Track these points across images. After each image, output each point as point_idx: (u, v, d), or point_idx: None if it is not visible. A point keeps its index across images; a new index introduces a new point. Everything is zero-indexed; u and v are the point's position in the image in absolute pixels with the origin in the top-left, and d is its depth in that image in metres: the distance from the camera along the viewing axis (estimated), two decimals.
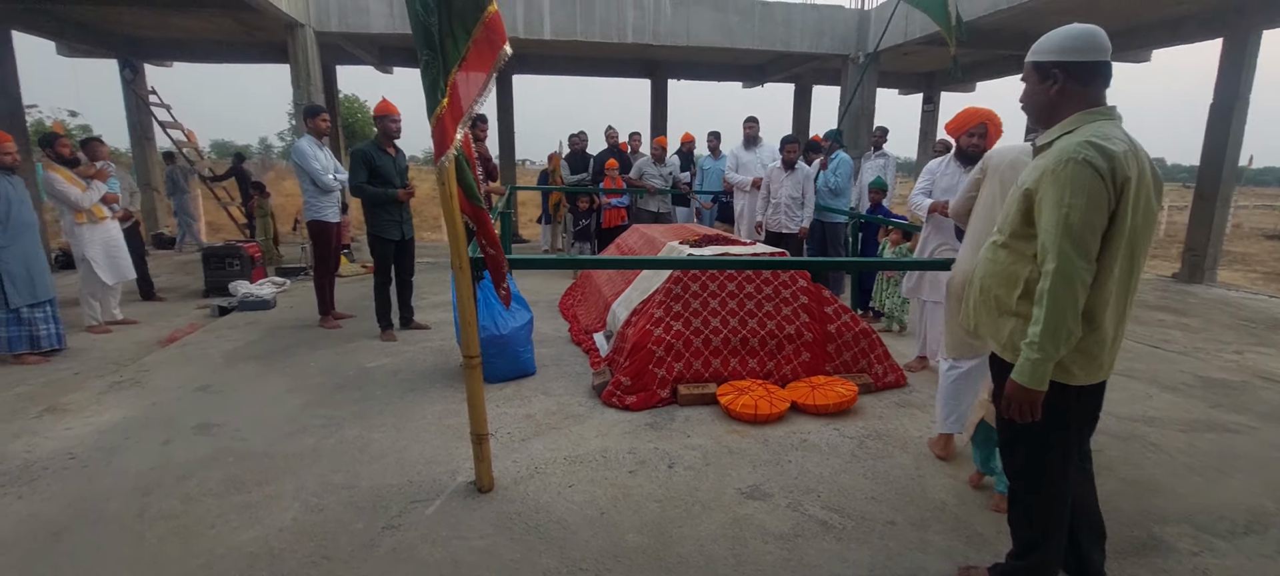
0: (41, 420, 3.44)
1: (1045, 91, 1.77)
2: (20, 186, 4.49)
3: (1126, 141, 1.66)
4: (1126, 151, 1.62)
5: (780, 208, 6.10)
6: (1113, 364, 1.82)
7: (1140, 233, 1.70)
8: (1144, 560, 2.29)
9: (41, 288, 4.52)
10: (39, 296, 4.51)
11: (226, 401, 3.67)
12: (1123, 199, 1.61)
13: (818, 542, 2.36)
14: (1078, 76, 1.71)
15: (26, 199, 4.53)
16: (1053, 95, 1.75)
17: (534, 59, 11.90)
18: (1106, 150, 1.59)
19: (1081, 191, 1.58)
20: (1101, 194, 1.59)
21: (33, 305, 4.49)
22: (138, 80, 10.87)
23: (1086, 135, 1.64)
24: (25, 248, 4.45)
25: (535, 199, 12.29)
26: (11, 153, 4.43)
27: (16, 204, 4.40)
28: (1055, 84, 1.74)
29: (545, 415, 3.48)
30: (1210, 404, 3.82)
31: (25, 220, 4.47)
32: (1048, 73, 1.75)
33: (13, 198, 4.38)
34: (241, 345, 4.81)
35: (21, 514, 2.52)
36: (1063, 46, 1.72)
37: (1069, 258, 1.60)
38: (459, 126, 2.30)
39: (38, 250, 4.56)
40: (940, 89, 13.38)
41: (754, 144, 7.30)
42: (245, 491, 2.68)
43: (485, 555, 2.25)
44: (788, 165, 6.03)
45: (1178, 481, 2.87)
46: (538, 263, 3.20)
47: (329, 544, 2.31)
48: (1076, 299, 1.63)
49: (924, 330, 4.27)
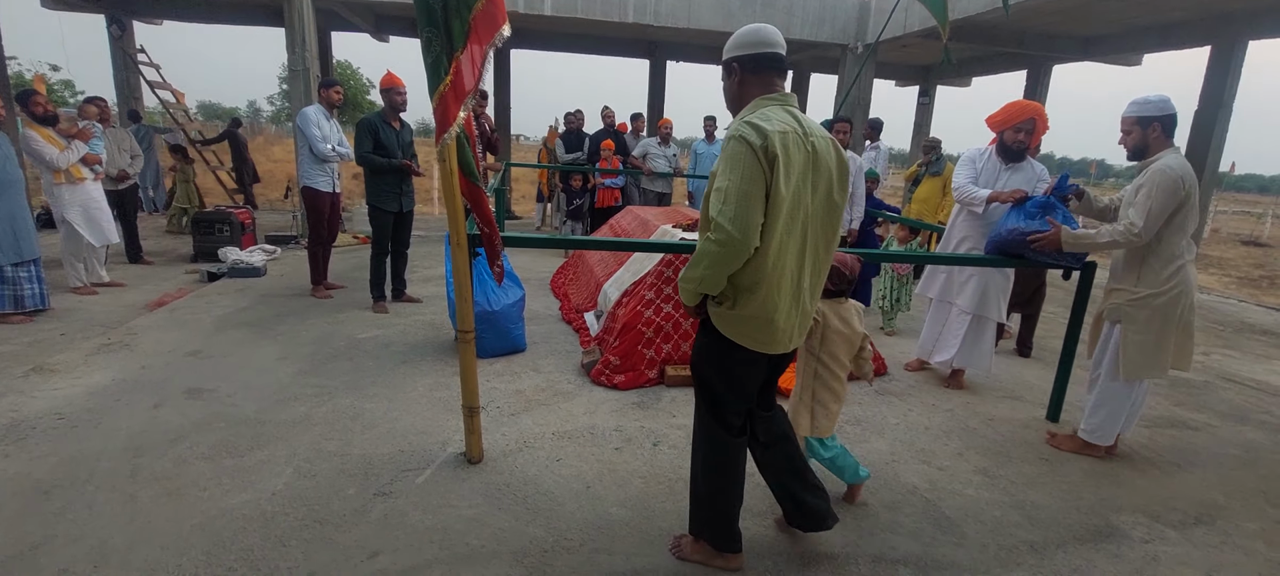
0: (28, 380, 3.45)
1: (732, 84, 1.96)
2: (3, 143, 4.43)
3: (791, 123, 1.80)
4: (786, 132, 1.76)
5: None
6: (791, 341, 1.96)
7: (813, 218, 1.86)
8: (1099, 546, 2.42)
9: (27, 247, 4.49)
10: (23, 255, 4.47)
11: (217, 367, 3.70)
12: (774, 173, 1.73)
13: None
14: (751, 68, 1.90)
15: (11, 155, 4.48)
16: (737, 87, 1.94)
17: (533, 34, 11.81)
18: (761, 128, 1.73)
19: (738, 165, 1.73)
20: (755, 167, 1.72)
21: (16, 264, 4.46)
22: (125, 37, 10.67)
23: (749, 115, 1.81)
24: (9, 205, 4.39)
25: (530, 175, 12.24)
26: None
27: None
28: (736, 76, 1.93)
29: (534, 391, 3.55)
30: (1173, 402, 3.97)
31: (9, 177, 4.41)
32: (730, 68, 1.94)
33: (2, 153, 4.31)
34: (232, 312, 4.82)
35: (10, 472, 2.56)
36: (737, 43, 1.92)
37: (720, 224, 1.73)
38: (461, 106, 2.34)
39: (22, 208, 4.50)
40: (936, 82, 13.45)
41: None
42: (237, 455, 2.74)
43: (474, 523, 2.33)
44: None
45: (1136, 474, 3.00)
46: (532, 241, 3.25)
47: (321, 508, 2.38)
48: (724, 258, 1.76)
49: (936, 332, 4.04)
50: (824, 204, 1.88)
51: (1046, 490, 2.81)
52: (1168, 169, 2.74)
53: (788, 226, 1.79)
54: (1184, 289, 2.84)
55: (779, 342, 1.91)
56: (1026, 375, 4.33)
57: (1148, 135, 2.85)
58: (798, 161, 1.77)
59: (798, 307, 1.92)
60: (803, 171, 1.79)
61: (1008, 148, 3.59)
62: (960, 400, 3.79)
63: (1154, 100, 2.82)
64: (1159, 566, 2.32)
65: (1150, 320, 2.88)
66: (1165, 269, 2.84)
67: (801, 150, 1.79)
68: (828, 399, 2.43)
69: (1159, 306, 2.85)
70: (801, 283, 1.90)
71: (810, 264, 1.91)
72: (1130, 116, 2.87)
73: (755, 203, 1.72)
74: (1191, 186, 2.75)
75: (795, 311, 1.92)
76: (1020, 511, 2.63)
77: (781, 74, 1.91)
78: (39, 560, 2.04)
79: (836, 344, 2.38)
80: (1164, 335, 2.87)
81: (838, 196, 1.91)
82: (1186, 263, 2.84)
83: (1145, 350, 2.90)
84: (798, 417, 2.45)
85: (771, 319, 1.86)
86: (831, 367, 2.40)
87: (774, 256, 1.80)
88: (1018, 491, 2.78)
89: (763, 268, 1.80)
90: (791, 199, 1.77)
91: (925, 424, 3.43)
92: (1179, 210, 2.78)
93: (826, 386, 2.42)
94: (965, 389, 3.96)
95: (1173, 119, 2.83)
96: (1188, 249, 2.85)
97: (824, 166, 1.85)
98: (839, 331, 2.37)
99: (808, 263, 1.89)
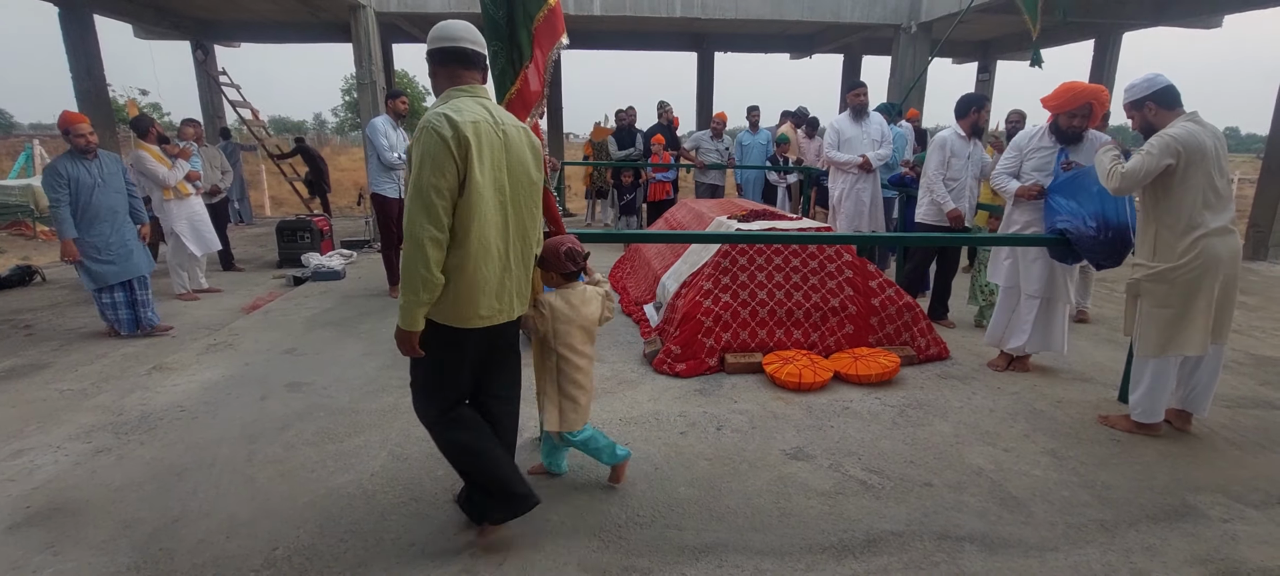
0: (151, 377, 3.86)
1: (433, 76, 2.10)
2: (98, 169, 4.39)
3: (482, 113, 1.95)
4: (479, 121, 1.92)
5: (965, 191, 4.62)
6: (508, 310, 2.09)
7: (513, 194, 2.03)
8: (1174, 525, 2.39)
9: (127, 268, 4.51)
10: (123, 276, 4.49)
11: (311, 363, 4.03)
12: (468, 162, 1.86)
13: (857, 499, 2.54)
14: (439, 61, 2.04)
15: (111, 181, 4.46)
16: (435, 79, 2.09)
17: (579, 34, 12.02)
18: (452, 119, 1.86)
19: (428, 156, 1.84)
20: (445, 156, 1.84)
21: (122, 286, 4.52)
22: (208, 60, 11.47)
23: (440, 107, 1.93)
24: (107, 229, 4.42)
25: (579, 173, 12.48)
26: (85, 135, 4.31)
27: (95, 188, 4.34)
28: (432, 68, 2.08)
29: (600, 380, 3.72)
30: (1259, 381, 3.80)
31: (105, 204, 4.40)
32: (428, 60, 2.08)
33: (86, 181, 4.31)
34: (319, 312, 5.20)
35: (146, 457, 2.90)
36: (430, 38, 2.07)
37: (412, 216, 1.86)
38: (528, 115, 2.51)
39: (124, 231, 4.53)
40: (996, 58, 12.95)
41: (862, 115, 5.80)
42: (337, 441, 3.01)
43: (554, 501, 2.50)
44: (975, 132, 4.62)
45: (1216, 454, 2.92)
46: (591, 237, 3.40)
47: (416, 487, 2.61)
48: (424, 252, 1.86)
49: (1005, 319, 3.93)
50: (524, 184, 2.08)
51: (1118, 470, 2.78)
52: (1166, 132, 2.77)
53: (490, 208, 1.96)
54: (1209, 263, 2.76)
55: (489, 312, 2.04)
56: (1097, 355, 4.22)
57: (1145, 115, 2.90)
58: (490, 148, 1.94)
59: (508, 279, 2.08)
60: (495, 157, 1.96)
61: (1064, 133, 3.55)
62: (1026, 382, 3.75)
63: (1139, 83, 2.90)
64: (1238, 545, 2.28)
65: (1169, 295, 2.83)
66: (1180, 241, 2.78)
67: (493, 137, 1.96)
68: (574, 391, 2.38)
69: (1179, 281, 2.80)
70: (509, 258, 2.07)
71: (516, 239, 2.09)
72: (1125, 104, 2.97)
73: (444, 191, 1.86)
74: (1193, 150, 2.71)
75: (506, 283, 2.08)
76: (1090, 491, 2.62)
77: (469, 66, 2.05)
78: (180, 531, 2.33)
79: (571, 332, 2.34)
80: (1188, 310, 2.81)
81: (536, 176, 2.11)
82: (1208, 233, 2.75)
83: (1165, 325, 2.86)
84: (546, 415, 2.40)
85: (477, 296, 2.00)
86: (571, 358, 2.35)
87: (477, 238, 1.94)
88: (1088, 471, 2.76)
89: (468, 249, 1.94)
90: (491, 183, 1.95)
91: (990, 406, 3.42)
92: (1180, 172, 2.74)
93: (570, 378, 2.37)
94: (1031, 371, 3.91)
95: (1164, 92, 2.84)
96: (1211, 217, 2.76)
97: (516, 150, 2.04)
98: (570, 318, 2.33)
99: (513, 238, 2.07)
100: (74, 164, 4.31)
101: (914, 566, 2.16)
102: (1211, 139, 2.75)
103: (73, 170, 4.29)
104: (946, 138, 4.62)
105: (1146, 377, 2.99)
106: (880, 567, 2.15)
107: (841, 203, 5.87)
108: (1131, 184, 2.81)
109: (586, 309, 2.39)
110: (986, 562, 2.18)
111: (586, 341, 2.41)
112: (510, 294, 2.10)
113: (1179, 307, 2.82)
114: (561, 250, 2.32)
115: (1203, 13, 8.78)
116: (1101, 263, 3.34)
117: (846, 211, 5.83)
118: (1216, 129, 2.80)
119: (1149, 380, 2.99)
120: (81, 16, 8.26)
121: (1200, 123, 2.78)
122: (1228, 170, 2.83)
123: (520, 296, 2.16)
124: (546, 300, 2.34)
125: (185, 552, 2.21)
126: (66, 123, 4.34)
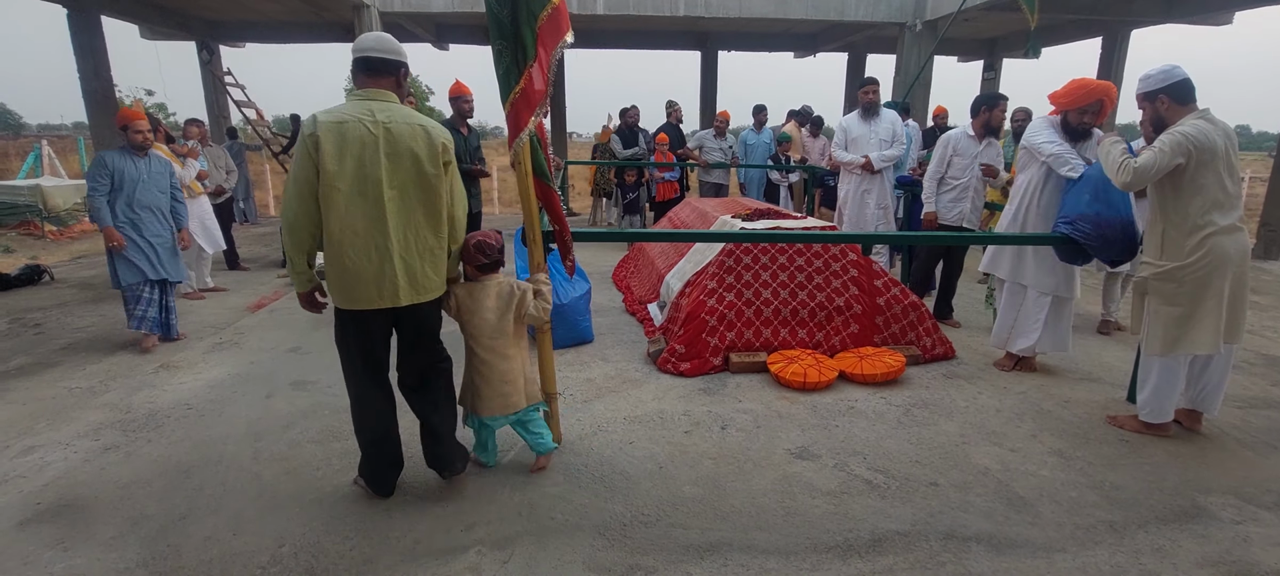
0: (158, 375, 3.87)
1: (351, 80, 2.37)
2: (146, 166, 4.38)
3: (360, 112, 2.18)
4: (346, 120, 2.16)
5: (969, 192, 4.58)
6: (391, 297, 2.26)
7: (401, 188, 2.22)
8: (1184, 526, 2.37)
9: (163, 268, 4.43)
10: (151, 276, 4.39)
11: (316, 361, 4.04)
12: (319, 154, 2.12)
13: (863, 499, 2.53)
14: (353, 68, 2.30)
15: (156, 179, 4.43)
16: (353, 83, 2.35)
17: (582, 33, 12.02)
18: (315, 118, 2.15)
19: (300, 151, 2.17)
20: (303, 151, 2.15)
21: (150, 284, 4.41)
22: (214, 61, 11.53)
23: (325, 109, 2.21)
24: (148, 226, 4.37)
25: (583, 172, 12.46)
26: (142, 131, 4.33)
27: (139, 183, 4.32)
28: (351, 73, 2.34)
29: (604, 379, 3.72)
30: (1271, 382, 3.77)
31: (149, 201, 4.39)
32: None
33: (131, 175, 4.30)
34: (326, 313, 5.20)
35: (153, 455, 2.91)
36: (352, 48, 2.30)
37: (285, 201, 2.21)
38: (533, 114, 2.50)
39: (165, 231, 4.48)
40: (1003, 55, 12.90)
41: (872, 114, 5.54)
42: (342, 439, 3.01)
43: (559, 500, 2.51)
44: (989, 131, 4.51)
45: (1227, 456, 2.90)
46: (595, 236, 3.41)
47: (420, 485, 2.61)
48: (291, 233, 2.21)
49: (1011, 318, 3.88)
50: (413, 179, 2.24)
51: (1127, 471, 2.76)
52: (1177, 128, 2.73)
53: (349, 197, 2.17)
54: (1218, 262, 2.74)
55: (367, 298, 2.25)
56: (1104, 356, 4.19)
57: (1157, 108, 2.86)
58: (355, 144, 2.15)
59: (388, 265, 2.23)
60: (364, 154, 2.16)
61: (1074, 129, 3.51)
62: (1033, 382, 3.73)
63: (1155, 73, 2.85)
64: (1250, 547, 2.26)
65: (1177, 294, 2.81)
66: (1187, 239, 2.76)
67: (363, 134, 2.16)
68: (478, 380, 2.52)
69: (1187, 280, 2.78)
70: (388, 245, 2.22)
71: (407, 232, 2.26)
72: (1139, 94, 2.92)
73: (305, 182, 2.16)
74: (1205, 148, 2.67)
75: (386, 269, 2.23)
76: (1098, 492, 2.60)
77: (374, 73, 2.27)
78: (188, 528, 2.34)
79: (473, 322, 2.48)
80: (1197, 309, 2.78)
81: (430, 170, 2.26)
82: (1216, 232, 2.72)
83: (1172, 324, 2.84)
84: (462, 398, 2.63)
85: (353, 283, 2.23)
86: (474, 348, 2.52)
87: (338, 227, 2.18)
88: (1096, 472, 2.75)
89: (331, 237, 2.19)
90: (351, 176, 2.16)
91: (996, 406, 3.40)
92: (1190, 171, 2.71)
93: (474, 367, 2.53)
94: (1038, 371, 3.88)
95: (1179, 86, 2.80)
96: (1219, 216, 2.73)
97: (403, 147, 2.21)
98: (471, 310, 2.48)
99: (399, 231, 2.23)
100: (122, 158, 4.30)
101: (920, 566, 2.15)
102: (1223, 138, 2.72)
103: (119, 163, 4.27)
104: (952, 137, 4.59)
105: (1153, 377, 2.98)
106: (886, 567, 2.14)
107: (846, 205, 5.73)
108: (1141, 180, 2.78)
109: (486, 302, 2.48)
110: (993, 563, 2.17)
111: (495, 334, 2.50)
112: (394, 283, 2.25)
113: (1187, 306, 2.80)
114: (470, 243, 2.48)
115: (1213, 9, 8.72)
116: (1113, 259, 3.31)
117: (850, 215, 5.70)
118: (1228, 127, 2.77)
119: (1156, 379, 2.97)
120: (89, 17, 8.31)
121: (1212, 121, 2.75)
122: (1238, 170, 2.80)
123: (415, 286, 2.31)
124: (453, 290, 2.51)
125: (193, 548, 2.22)
126: (125, 118, 4.36)
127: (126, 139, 4.35)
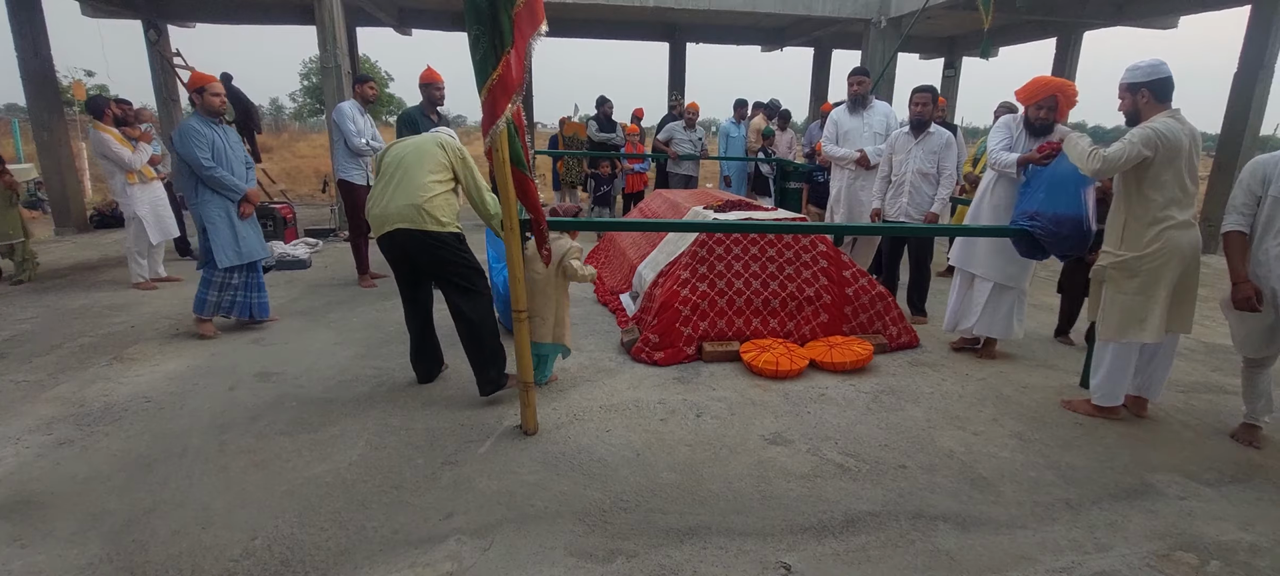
0: (112, 368, 3.72)
1: None
2: (225, 135, 4.09)
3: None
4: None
5: (904, 188, 4.57)
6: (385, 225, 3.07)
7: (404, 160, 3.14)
8: (1134, 503, 2.51)
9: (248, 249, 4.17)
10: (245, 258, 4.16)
11: (280, 353, 3.94)
12: None
13: (835, 482, 2.60)
14: None
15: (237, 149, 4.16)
16: None
17: (551, 21, 11.85)
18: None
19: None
20: None
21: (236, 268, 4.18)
22: (161, 41, 11.00)
23: None
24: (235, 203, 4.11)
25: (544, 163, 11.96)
26: (220, 94, 4.04)
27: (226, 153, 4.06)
28: None
29: (579, 369, 3.72)
30: (1210, 368, 4.00)
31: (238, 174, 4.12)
32: None
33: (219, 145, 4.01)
34: (285, 302, 5.07)
35: (112, 449, 2.80)
36: None
37: None
38: (510, 101, 2.48)
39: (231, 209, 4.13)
40: (962, 54, 13.25)
41: (862, 106, 5.29)
42: (312, 431, 2.95)
43: (537, 488, 2.51)
44: (918, 127, 4.48)
45: (1172, 437, 3.07)
46: (569, 225, 3.40)
47: (396, 476, 2.58)
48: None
49: (959, 303, 4.02)
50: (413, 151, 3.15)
51: (1081, 452, 2.90)
52: (1148, 124, 2.85)
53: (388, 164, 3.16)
54: (1173, 252, 2.89)
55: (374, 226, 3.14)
56: (1059, 346, 4.38)
57: (1137, 100, 2.96)
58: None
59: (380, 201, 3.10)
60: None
61: (1032, 124, 3.66)
62: (993, 369, 3.87)
63: (1143, 66, 2.93)
64: (1194, 520, 2.41)
65: (1130, 282, 2.97)
66: (1147, 232, 2.91)
67: None
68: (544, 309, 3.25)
69: (1143, 270, 2.93)
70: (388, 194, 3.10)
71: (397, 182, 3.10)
72: (1122, 83, 3.01)
73: None
74: (1172, 145, 2.80)
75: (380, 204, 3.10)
76: (1055, 471, 2.73)
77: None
78: (153, 523, 2.27)
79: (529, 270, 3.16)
80: (1150, 298, 2.94)
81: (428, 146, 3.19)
82: (1174, 225, 2.88)
83: (1126, 312, 2.99)
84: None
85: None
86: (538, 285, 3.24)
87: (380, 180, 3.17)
88: (1053, 453, 2.88)
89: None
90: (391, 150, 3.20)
91: (959, 392, 3.52)
92: (1155, 166, 2.84)
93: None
94: (998, 359, 4.04)
95: (1162, 83, 2.90)
96: (1176, 211, 2.88)
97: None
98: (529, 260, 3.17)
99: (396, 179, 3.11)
100: (206, 125, 3.98)
101: (891, 544, 2.23)
102: (1188, 139, 2.85)
103: (209, 132, 3.97)
104: (895, 135, 4.65)
105: (1107, 362, 3.13)
106: (859, 546, 2.21)
107: (838, 201, 5.45)
108: (1110, 168, 2.90)
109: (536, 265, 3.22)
110: (959, 540, 2.26)
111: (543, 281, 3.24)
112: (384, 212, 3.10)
113: (1142, 295, 2.95)
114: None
115: (1161, 13, 9.12)
116: (1065, 253, 3.43)
117: (843, 213, 5.42)
118: (1194, 130, 2.89)
119: (1109, 364, 3.12)
120: None
121: (1182, 121, 2.88)
122: (1197, 171, 2.93)
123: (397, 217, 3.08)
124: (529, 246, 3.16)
125: (159, 543, 2.15)
126: (199, 82, 4.03)
127: (202, 103, 3.99)
